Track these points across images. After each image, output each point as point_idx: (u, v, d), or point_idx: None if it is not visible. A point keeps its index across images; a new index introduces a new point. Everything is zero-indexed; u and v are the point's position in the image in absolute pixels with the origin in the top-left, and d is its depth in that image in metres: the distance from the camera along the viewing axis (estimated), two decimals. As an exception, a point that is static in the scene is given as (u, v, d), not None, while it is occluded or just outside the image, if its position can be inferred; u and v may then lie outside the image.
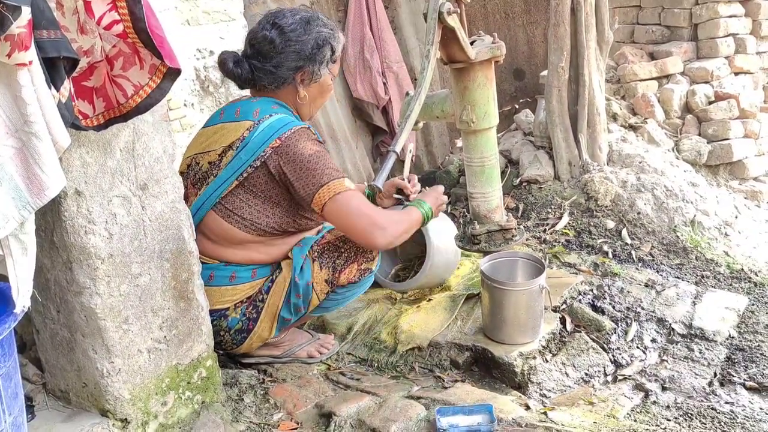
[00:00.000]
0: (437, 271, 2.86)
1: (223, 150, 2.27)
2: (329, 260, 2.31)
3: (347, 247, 2.34)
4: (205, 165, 2.31)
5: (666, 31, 4.74)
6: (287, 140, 2.20)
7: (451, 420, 2.03)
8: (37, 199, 1.45)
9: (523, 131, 4.33)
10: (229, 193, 2.26)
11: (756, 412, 2.33)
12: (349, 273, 2.34)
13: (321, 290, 2.32)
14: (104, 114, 1.72)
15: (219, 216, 2.28)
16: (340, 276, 2.33)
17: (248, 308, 2.33)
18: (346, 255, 2.33)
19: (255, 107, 2.29)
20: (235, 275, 2.32)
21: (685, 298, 2.96)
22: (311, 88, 2.37)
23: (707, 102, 4.35)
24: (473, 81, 3.11)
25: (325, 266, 2.31)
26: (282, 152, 2.20)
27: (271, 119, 2.25)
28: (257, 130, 2.22)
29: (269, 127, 2.23)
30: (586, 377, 2.51)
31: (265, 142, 2.20)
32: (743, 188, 4.18)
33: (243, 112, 2.30)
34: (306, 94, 2.37)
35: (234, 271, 2.32)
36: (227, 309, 2.32)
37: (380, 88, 5.13)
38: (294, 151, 2.20)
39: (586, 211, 3.58)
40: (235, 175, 2.24)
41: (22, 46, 1.32)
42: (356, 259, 2.34)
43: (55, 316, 1.91)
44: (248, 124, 2.25)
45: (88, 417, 1.93)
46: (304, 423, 2.13)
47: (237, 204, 2.26)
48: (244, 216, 2.27)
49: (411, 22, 5.44)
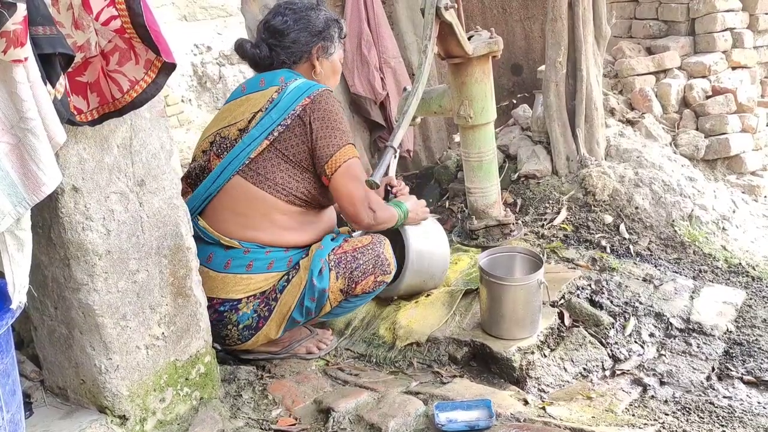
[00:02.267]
0: (419, 278, 2.76)
1: (252, 116, 2.36)
2: (346, 271, 2.33)
3: (366, 259, 2.37)
4: (233, 133, 2.38)
5: (663, 26, 4.73)
6: (318, 97, 2.33)
7: (450, 415, 2.03)
8: (33, 196, 1.44)
9: (520, 126, 4.32)
10: (258, 155, 2.32)
11: (754, 406, 2.33)
12: (366, 284, 2.37)
13: (335, 299, 2.35)
14: (98, 109, 1.72)
15: (249, 181, 2.32)
16: (357, 287, 2.36)
17: (261, 305, 2.34)
18: (363, 267, 2.36)
19: (279, 75, 2.42)
20: (253, 264, 2.32)
21: (683, 292, 2.96)
22: (324, 64, 2.51)
23: (704, 96, 4.35)
24: (471, 76, 3.11)
25: (341, 276, 2.33)
26: (314, 108, 2.31)
27: (297, 82, 2.37)
28: (286, 91, 2.34)
29: (297, 88, 2.35)
30: (584, 372, 2.51)
31: (296, 100, 2.32)
32: (741, 183, 4.18)
33: (267, 81, 2.42)
34: (322, 70, 2.50)
35: (252, 259, 2.32)
36: (239, 301, 2.32)
37: (378, 84, 5.12)
38: (324, 108, 2.33)
39: (584, 206, 3.58)
40: (265, 133, 2.31)
41: (17, 43, 1.31)
42: (374, 272, 2.37)
43: (53, 312, 1.91)
44: (275, 87, 2.37)
45: (86, 413, 1.93)
46: (302, 419, 2.13)
47: (268, 167, 2.32)
48: (275, 180, 2.32)
49: (408, 18, 5.43)
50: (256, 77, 2.49)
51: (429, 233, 2.76)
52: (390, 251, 2.43)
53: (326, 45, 2.48)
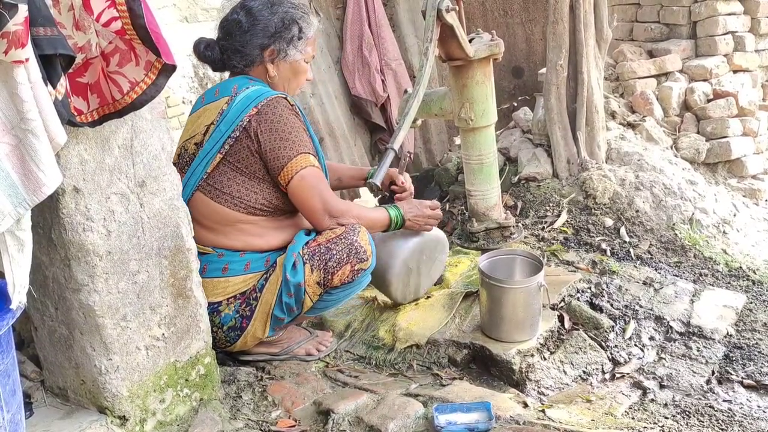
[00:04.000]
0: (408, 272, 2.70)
1: (206, 128, 2.33)
2: (320, 262, 2.28)
3: (339, 248, 2.29)
4: (191, 148, 2.37)
5: (665, 29, 4.74)
6: (264, 108, 2.27)
7: (449, 417, 2.03)
8: (34, 196, 1.45)
9: (521, 129, 4.32)
10: (214, 169, 2.30)
11: (753, 410, 2.33)
12: (342, 274, 2.31)
13: (313, 292, 2.30)
14: (98, 110, 1.72)
15: (207, 197, 2.31)
16: (333, 278, 2.30)
17: (242, 305, 2.33)
18: (338, 257, 2.29)
19: (233, 84, 2.37)
20: (228, 267, 2.32)
21: (683, 296, 2.96)
22: (281, 67, 2.42)
23: (706, 100, 4.35)
24: (472, 78, 3.12)
25: (316, 269, 2.28)
26: (259, 120, 2.26)
27: (247, 91, 2.32)
28: (235, 102, 2.29)
29: (246, 97, 2.30)
30: (584, 375, 2.51)
31: (243, 111, 2.27)
32: (742, 186, 4.18)
33: (221, 91, 2.38)
34: (276, 74, 2.42)
35: (227, 262, 2.32)
36: (220, 303, 2.32)
37: (378, 86, 5.13)
38: (270, 119, 2.27)
39: (584, 208, 3.58)
40: (216, 147, 2.29)
41: (18, 44, 1.32)
42: (349, 260, 2.30)
43: (53, 313, 1.91)
44: (227, 98, 2.33)
45: (86, 414, 1.93)
46: (302, 420, 2.13)
47: (224, 182, 2.30)
48: (232, 194, 2.30)
49: (410, 20, 5.44)
50: (213, 88, 2.45)
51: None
52: (366, 238, 2.34)
53: (280, 47, 2.37)
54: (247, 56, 2.37)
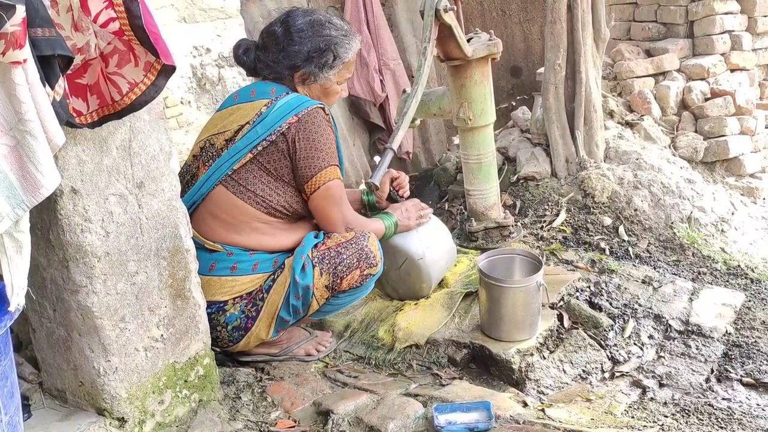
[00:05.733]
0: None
1: (239, 127, 2.34)
2: (330, 266, 2.29)
3: (349, 253, 2.32)
4: (220, 143, 2.37)
5: (662, 28, 4.74)
6: (304, 117, 2.30)
7: (449, 417, 2.03)
8: (32, 198, 1.44)
9: (520, 128, 4.33)
10: (241, 167, 2.31)
11: (753, 408, 2.33)
12: (352, 279, 2.33)
13: (321, 296, 2.32)
14: (98, 111, 1.71)
15: (229, 191, 2.32)
16: (342, 282, 2.32)
17: (248, 306, 2.33)
18: (348, 261, 2.31)
19: (271, 87, 2.39)
20: (237, 266, 2.32)
21: (682, 294, 2.96)
22: (312, 88, 2.44)
23: (703, 99, 4.35)
24: (470, 78, 3.12)
25: (325, 272, 2.29)
26: (299, 128, 2.28)
27: (287, 97, 2.34)
28: (275, 107, 2.31)
29: (287, 104, 2.31)
30: (583, 374, 2.51)
31: (283, 117, 2.29)
32: (739, 185, 4.18)
33: (258, 93, 2.39)
34: (308, 93, 2.43)
35: (236, 261, 2.32)
36: (226, 302, 2.32)
37: (377, 86, 5.13)
38: (310, 128, 2.30)
39: (583, 207, 3.58)
40: (250, 147, 2.30)
41: (16, 45, 1.31)
42: (359, 265, 2.33)
43: (52, 314, 1.91)
44: (265, 101, 2.34)
45: (84, 416, 1.93)
46: (301, 421, 2.13)
47: (250, 180, 2.31)
48: (256, 192, 2.31)
49: (408, 20, 5.44)
50: (248, 87, 2.47)
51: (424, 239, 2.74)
52: (375, 244, 2.39)
53: (311, 71, 2.37)
54: (277, 73, 2.40)
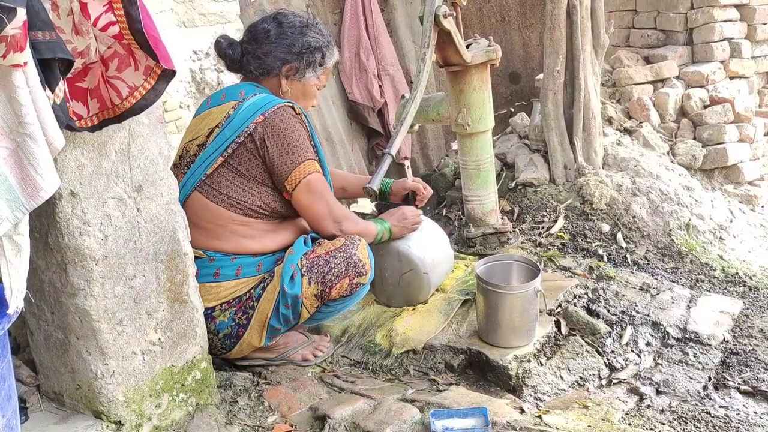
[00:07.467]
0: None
1: (209, 131, 2.35)
2: (318, 275, 2.27)
3: (338, 261, 2.29)
4: (193, 149, 2.39)
5: (661, 35, 4.75)
6: (272, 115, 2.30)
7: (446, 423, 2.03)
8: (31, 201, 1.44)
9: (518, 134, 4.33)
10: (214, 171, 2.32)
11: (750, 416, 2.33)
12: (341, 288, 2.30)
13: (311, 305, 2.30)
14: (98, 115, 1.72)
15: (204, 196, 2.32)
16: (331, 291, 2.29)
17: (237, 313, 2.32)
18: (336, 270, 2.28)
19: (240, 89, 2.40)
20: (219, 272, 2.32)
21: (680, 301, 2.96)
22: (294, 85, 2.47)
23: (702, 106, 4.36)
24: (469, 84, 3.12)
25: (314, 281, 2.27)
26: (266, 126, 2.29)
27: (255, 98, 2.35)
28: (242, 108, 2.32)
29: (253, 104, 2.33)
30: (580, 381, 2.51)
31: (249, 117, 2.30)
32: (738, 192, 4.19)
33: (228, 95, 2.41)
34: (289, 90, 2.46)
35: (218, 267, 2.32)
36: (213, 309, 2.31)
37: (376, 91, 5.14)
38: (278, 125, 2.30)
39: (581, 214, 3.59)
40: (219, 150, 2.31)
41: (17, 48, 1.31)
42: (347, 274, 2.30)
43: (50, 317, 1.91)
44: (233, 103, 2.36)
45: (81, 419, 1.92)
46: (298, 425, 2.12)
47: (222, 183, 2.32)
48: (229, 194, 2.32)
49: (407, 25, 5.45)
50: (219, 92, 2.48)
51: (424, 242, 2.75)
52: (365, 252, 2.35)
53: (299, 67, 2.42)
54: (266, 65, 2.41)
